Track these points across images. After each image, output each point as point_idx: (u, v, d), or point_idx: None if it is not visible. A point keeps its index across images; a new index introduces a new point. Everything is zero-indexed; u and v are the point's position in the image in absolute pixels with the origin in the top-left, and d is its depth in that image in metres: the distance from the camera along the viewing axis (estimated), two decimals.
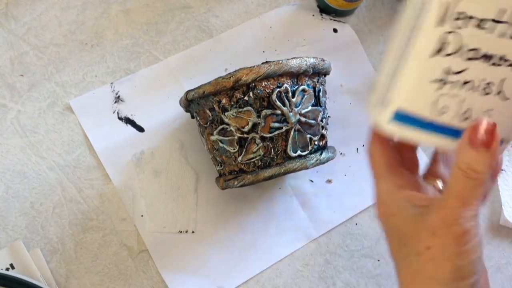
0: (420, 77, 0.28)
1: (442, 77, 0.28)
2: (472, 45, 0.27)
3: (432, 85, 0.28)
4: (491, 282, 0.51)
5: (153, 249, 0.46)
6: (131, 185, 0.48)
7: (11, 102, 0.48)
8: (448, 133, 0.29)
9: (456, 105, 0.28)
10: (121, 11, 0.52)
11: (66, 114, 0.49)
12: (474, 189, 0.27)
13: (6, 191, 0.46)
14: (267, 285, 0.48)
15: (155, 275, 0.46)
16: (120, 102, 0.50)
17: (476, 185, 0.27)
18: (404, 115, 0.29)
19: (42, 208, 0.46)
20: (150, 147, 0.49)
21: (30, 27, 0.50)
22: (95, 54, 0.50)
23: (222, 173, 0.45)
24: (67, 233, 0.46)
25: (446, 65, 0.28)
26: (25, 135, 0.47)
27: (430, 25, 0.27)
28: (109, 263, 0.46)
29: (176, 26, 0.53)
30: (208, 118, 0.43)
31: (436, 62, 0.28)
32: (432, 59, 0.28)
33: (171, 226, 0.47)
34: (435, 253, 0.28)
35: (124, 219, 0.47)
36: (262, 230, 0.49)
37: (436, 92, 0.28)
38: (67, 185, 0.47)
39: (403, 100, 0.28)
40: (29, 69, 0.49)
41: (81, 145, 0.48)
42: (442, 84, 0.28)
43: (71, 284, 0.45)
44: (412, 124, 0.29)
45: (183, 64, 0.52)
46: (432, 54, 0.27)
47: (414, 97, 0.28)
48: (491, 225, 0.53)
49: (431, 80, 0.28)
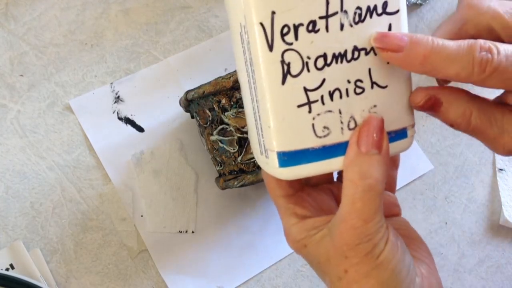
0: (283, 111, 0.25)
1: (305, 100, 0.25)
2: (316, 53, 0.24)
3: (300, 112, 0.25)
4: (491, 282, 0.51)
5: (153, 249, 0.46)
6: (131, 185, 0.48)
7: (10, 102, 0.48)
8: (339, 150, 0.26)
9: (335, 119, 0.25)
10: (120, 11, 0.52)
11: (65, 114, 0.48)
12: (373, 201, 0.25)
13: (6, 191, 0.46)
14: (267, 285, 0.48)
15: (155, 275, 0.46)
16: (120, 102, 0.49)
17: (374, 196, 0.25)
18: (288, 156, 0.25)
19: (42, 208, 0.46)
20: (150, 147, 0.49)
21: (30, 27, 0.50)
22: (94, 54, 0.50)
23: (222, 173, 0.45)
24: (67, 233, 0.46)
25: (302, 85, 0.24)
26: (25, 135, 0.47)
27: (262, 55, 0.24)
28: (109, 263, 0.46)
29: (176, 26, 0.53)
30: (208, 118, 0.43)
31: (290, 88, 0.24)
32: (285, 86, 0.24)
33: (171, 226, 0.47)
34: (355, 274, 0.26)
35: (124, 219, 0.47)
36: (262, 230, 0.49)
37: (308, 117, 0.25)
38: (67, 185, 0.47)
39: (280, 142, 0.25)
40: (28, 69, 0.49)
41: (81, 145, 0.48)
42: (309, 106, 0.25)
43: (71, 284, 0.45)
44: (302, 161, 0.25)
45: (183, 64, 0.52)
46: (281, 82, 0.24)
47: (288, 134, 0.25)
48: (491, 225, 0.53)
49: (296, 107, 0.25)
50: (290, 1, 0.23)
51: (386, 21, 0.25)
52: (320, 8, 0.24)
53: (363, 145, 0.25)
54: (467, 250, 0.52)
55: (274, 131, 0.25)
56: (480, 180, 0.54)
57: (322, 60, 0.24)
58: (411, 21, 0.57)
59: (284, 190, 0.29)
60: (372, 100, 0.26)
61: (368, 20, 0.24)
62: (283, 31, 0.24)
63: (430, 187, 0.53)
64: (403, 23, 0.26)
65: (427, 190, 0.53)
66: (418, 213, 0.52)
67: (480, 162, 0.54)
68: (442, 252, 0.51)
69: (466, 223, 0.52)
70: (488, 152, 0.55)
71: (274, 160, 0.26)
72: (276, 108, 0.25)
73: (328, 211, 0.30)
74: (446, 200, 0.53)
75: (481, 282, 0.51)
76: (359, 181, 0.25)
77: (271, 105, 0.25)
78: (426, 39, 0.24)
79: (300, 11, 0.23)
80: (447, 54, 0.24)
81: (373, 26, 0.25)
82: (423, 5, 0.57)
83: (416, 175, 0.53)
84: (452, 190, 0.53)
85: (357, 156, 0.25)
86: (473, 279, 0.51)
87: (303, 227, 0.28)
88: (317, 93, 0.25)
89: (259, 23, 0.23)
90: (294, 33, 0.24)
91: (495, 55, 0.23)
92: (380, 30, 0.25)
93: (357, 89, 0.25)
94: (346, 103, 0.25)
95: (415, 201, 0.52)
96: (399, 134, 0.27)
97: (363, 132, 0.25)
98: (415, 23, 0.57)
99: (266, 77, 0.24)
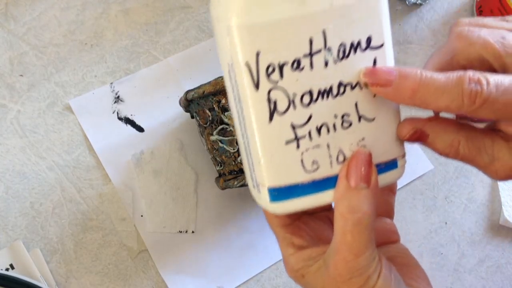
0: (271, 147, 0.25)
1: (292, 136, 0.25)
2: (301, 90, 0.25)
3: (288, 148, 0.25)
4: (491, 282, 0.51)
5: (153, 249, 0.46)
6: (131, 185, 0.48)
7: (10, 102, 0.48)
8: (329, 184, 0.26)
9: (324, 154, 0.25)
10: (120, 11, 0.52)
11: (65, 114, 0.48)
12: (363, 234, 0.25)
13: (6, 191, 0.46)
14: (267, 285, 0.48)
15: (155, 275, 0.46)
16: (120, 102, 0.49)
17: (363, 229, 0.25)
18: (279, 192, 0.26)
19: (42, 208, 0.46)
20: (149, 147, 0.49)
21: (30, 27, 0.50)
22: (94, 54, 0.50)
23: (222, 173, 0.45)
24: (67, 233, 0.46)
25: (289, 122, 0.25)
26: (25, 135, 0.47)
27: (249, 93, 0.24)
28: (109, 263, 0.46)
29: (176, 26, 0.53)
30: (208, 118, 0.43)
31: (278, 125, 0.25)
32: (272, 124, 0.25)
33: (171, 226, 0.47)
34: None
35: (124, 219, 0.47)
36: (262, 230, 0.49)
37: (296, 152, 0.25)
38: (67, 185, 0.47)
39: (270, 177, 0.26)
40: (28, 69, 0.49)
41: (81, 145, 0.48)
42: (297, 142, 0.25)
43: (71, 284, 0.45)
44: (292, 195, 0.26)
45: (183, 64, 0.52)
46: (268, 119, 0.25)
47: (278, 170, 0.25)
48: (491, 225, 0.53)
49: (284, 144, 0.25)
50: (274, 41, 0.24)
51: (371, 55, 0.25)
52: (304, 46, 0.24)
53: (351, 179, 0.25)
54: (467, 250, 0.52)
55: (263, 168, 0.25)
56: (480, 180, 0.54)
57: (308, 96, 0.25)
58: (411, 21, 0.57)
59: (281, 220, 0.29)
60: (360, 133, 0.26)
61: (352, 56, 0.25)
62: (268, 70, 0.24)
63: (430, 187, 0.53)
64: (388, 57, 0.26)
65: (427, 190, 0.53)
66: (418, 213, 0.52)
67: None
68: (442, 252, 0.51)
69: (466, 223, 0.52)
70: None
71: (266, 195, 0.26)
72: (264, 145, 0.25)
73: (325, 239, 0.30)
74: (446, 200, 0.53)
75: (481, 282, 0.51)
76: (348, 215, 0.25)
77: (259, 142, 0.25)
78: (414, 73, 0.24)
79: (284, 51, 0.24)
80: (436, 87, 0.24)
81: (358, 61, 0.25)
82: (423, 5, 0.57)
83: (416, 175, 0.53)
84: (452, 190, 0.53)
85: (346, 190, 0.25)
86: (473, 279, 0.51)
87: (300, 258, 0.28)
88: (305, 129, 0.25)
89: (245, 63, 0.24)
90: (279, 71, 0.24)
91: (485, 86, 0.23)
92: (365, 65, 0.25)
93: (345, 123, 0.26)
94: (334, 138, 0.26)
95: (415, 201, 0.52)
96: (389, 165, 0.27)
97: (352, 167, 0.25)
98: (415, 23, 0.57)
99: (254, 116, 0.25)
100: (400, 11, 0.57)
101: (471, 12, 0.57)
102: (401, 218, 0.51)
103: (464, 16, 0.57)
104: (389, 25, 0.26)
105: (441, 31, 0.57)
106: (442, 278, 0.51)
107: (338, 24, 0.24)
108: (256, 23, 0.24)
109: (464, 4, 0.58)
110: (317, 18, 0.24)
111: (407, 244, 0.32)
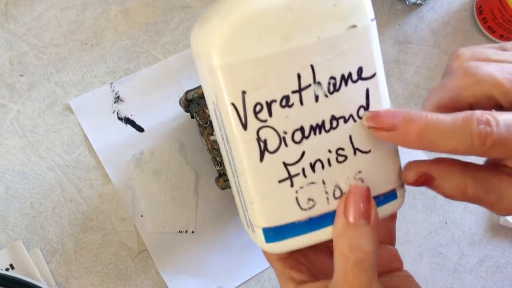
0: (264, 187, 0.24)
1: (286, 175, 0.24)
2: (292, 127, 0.23)
3: (282, 187, 0.24)
4: (491, 282, 0.51)
5: (153, 249, 0.46)
6: (131, 185, 0.48)
7: (10, 102, 0.48)
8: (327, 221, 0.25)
9: (319, 190, 0.24)
10: (120, 11, 0.52)
11: (65, 114, 0.48)
12: (365, 273, 0.24)
13: (6, 191, 0.46)
14: (267, 285, 0.48)
15: (155, 275, 0.46)
16: (120, 102, 0.49)
17: (366, 268, 0.24)
18: (274, 231, 0.25)
19: (42, 208, 0.46)
20: (149, 147, 0.49)
21: (30, 27, 0.50)
22: (94, 54, 0.50)
23: (222, 173, 0.45)
24: (67, 233, 0.46)
25: (281, 160, 0.24)
26: (25, 135, 0.47)
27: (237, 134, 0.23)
28: (109, 263, 0.46)
29: (176, 26, 0.53)
30: (208, 118, 0.43)
31: (269, 164, 0.24)
32: (263, 163, 0.24)
33: (171, 226, 0.47)
34: None
35: (124, 219, 0.47)
36: None
37: (290, 191, 0.24)
38: (67, 185, 0.47)
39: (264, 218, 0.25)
40: (28, 69, 0.49)
41: (81, 145, 0.48)
42: (290, 180, 0.24)
43: (71, 284, 0.45)
44: (288, 235, 0.25)
45: (183, 64, 0.52)
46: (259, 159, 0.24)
47: (272, 210, 0.24)
48: (491, 225, 0.53)
49: (277, 183, 0.24)
50: (260, 80, 0.23)
51: (363, 86, 0.24)
52: (292, 83, 0.23)
53: (350, 216, 0.24)
54: (467, 250, 0.52)
55: (257, 208, 0.24)
56: None
57: (300, 133, 0.24)
58: (411, 21, 0.57)
59: (279, 254, 0.28)
60: (356, 166, 0.25)
61: (343, 89, 0.24)
62: (256, 109, 0.23)
63: None
64: (381, 87, 0.25)
65: (427, 190, 0.53)
66: (418, 213, 0.52)
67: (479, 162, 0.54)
68: (442, 252, 0.51)
69: (466, 223, 0.52)
70: None
71: (260, 235, 0.25)
72: (256, 185, 0.24)
73: (325, 272, 0.29)
74: (446, 200, 0.53)
75: (481, 281, 0.51)
76: (349, 253, 0.24)
77: (251, 183, 0.24)
78: (419, 116, 0.23)
79: (272, 88, 0.23)
80: (442, 129, 0.23)
81: (350, 93, 0.24)
82: (423, 5, 0.57)
83: None
84: None
85: (346, 228, 0.24)
86: (473, 279, 0.51)
87: None
88: (298, 167, 0.24)
89: (231, 104, 0.23)
90: (268, 110, 0.23)
91: (494, 127, 0.22)
92: (357, 97, 0.24)
93: (339, 157, 0.24)
94: (329, 173, 0.24)
95: (415, 201, 0.52)
96: (388, 196, 0.26)
97: (350, 202, 0.24)
98: (415, 23, 0.57)
99: (243, 156, 0.24)
100: (400, 11, 0.57)
101: (471, 12, 0.57)
102: (401, 218, 0.51)
103: (464, 16, 0.57)
104: (380, 54, 0.25)
105: (441, 31, 0.57)
106: (442, 278, 0.51)
107: (327, 57, 0.23)
108: (239, 62, 0.22)
109: (464, 4, 0.58)
110: (304, 53, 0.23)
111: (407, 244, 0.32)
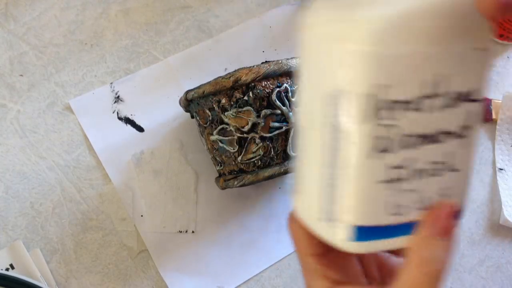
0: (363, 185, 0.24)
1: (385, 177, 0.24)
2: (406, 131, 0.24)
3: (378, 189, 0.24)
4: (491, 282, 0.51)
5: (153, 249, 0.46)
6: (131, 185, 0.48)
7: (10, 102, 0.48)
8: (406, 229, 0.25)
9: (410, 199, 0.25)
10: (120, 11, 0.52)
11: (65, 114, 0.48)
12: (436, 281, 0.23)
13: (6, 191, 0.46)
14: (267, 285, 0.48)
15: (155, 275, 0.46)
16: (120, 102, 0.49)
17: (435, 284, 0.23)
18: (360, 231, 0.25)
19: (42, 208, 0.46)
20: (150, 147, 0.49)
21: (30, 27, 0.50)
22: (94, 54, 0.50)
23: (222, 173, 0.45)
24: (67, 233, 0.46)
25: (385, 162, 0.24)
26: (25, 135, 0.47)
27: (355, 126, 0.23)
28: (109, 263, 0.46)
29: (176, 26, 0.53)
30: (208, 118, 0.43)
31: (374, 163, 0.24)
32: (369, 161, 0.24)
33: (171, 226, 0.47)
34: None
35: (124, 219, 0.47)
36: (262, 230, 0.49)
37: (384, 194, 0.24)
38: (67, 185, 0.47)
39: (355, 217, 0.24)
40: (28, 69, 0.49)
41: (81, 145, 0.48)
42: (389, 183, 0.24)
43: (71, 284, 0.45)
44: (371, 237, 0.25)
45: (183, 64, 0.52)
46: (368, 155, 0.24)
47: (364, 210, 0.24)
48: (491, 225, 0.53)
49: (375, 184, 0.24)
50: (395, 77, 0.23)
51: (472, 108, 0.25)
52: (420, 88, 0.23)
53: (433, 229, 0.24)
54: (467, 250, 0.52)
55: (352, 205, 0.24)
56: (480, 180, 0.54)
57: (409, 139, 0.24)
58: None
59: (315, 248, 0.27)
60: (447, 182, 0.25)
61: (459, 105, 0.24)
62: (381, 105, 0.23)
63: None
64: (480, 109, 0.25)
65: None
66: None
67: (480, 162, 0.54)
68: None
69: (466, 223, 0.52)
70: (488, 151, 0.55)
71: (343, 232, 0.25)
72: (358, 182, 0.24)
73: (353, 277, 0.28)
74: None
75: (481, 281, 0.51)
76: (424, 266, 0.23)
77: (354, 178, 0.24)
78: None
79: (401, 89, 0.23)
80: None
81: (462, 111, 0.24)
82: None
83: None
84: None
85: (425, 240, 0.24)
86: (473, 279, 0.51)
87: None
88: (398, 172, 0.24)
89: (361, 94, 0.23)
90: (390, 109, 0.23)
91: None
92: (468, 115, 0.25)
93: (437, 171, 0.25)
94: (423, 184, 0.25)
95: None
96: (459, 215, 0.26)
97: (435, 216, 0.24)
98: None
99: (357, 150, 0.24)
100: None
101: None
102: None
103: None
104: None
105: None
106: None
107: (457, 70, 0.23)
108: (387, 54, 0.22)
109: None
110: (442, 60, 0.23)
111: None
